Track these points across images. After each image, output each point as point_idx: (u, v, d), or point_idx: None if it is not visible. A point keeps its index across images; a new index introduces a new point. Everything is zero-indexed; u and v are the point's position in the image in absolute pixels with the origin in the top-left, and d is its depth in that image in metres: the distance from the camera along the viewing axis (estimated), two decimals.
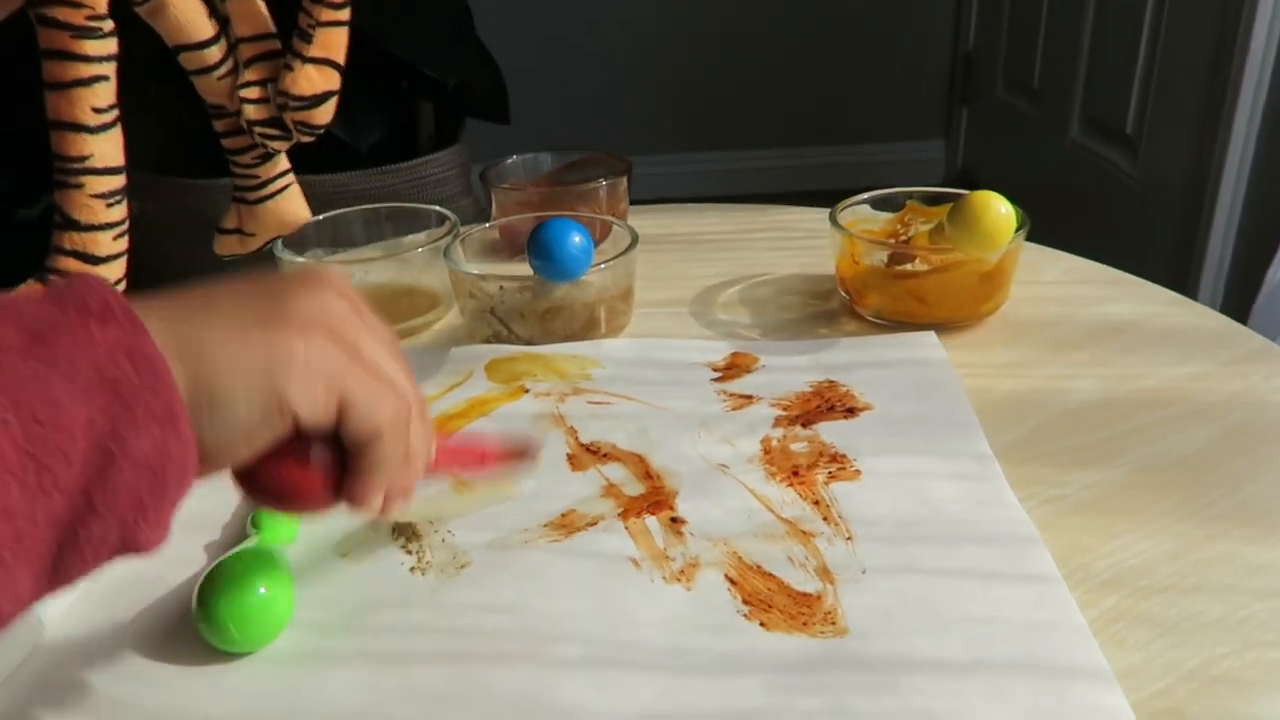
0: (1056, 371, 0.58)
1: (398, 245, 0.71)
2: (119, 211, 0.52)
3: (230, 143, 0.61)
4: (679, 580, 0.42)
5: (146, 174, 1.28)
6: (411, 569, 0.44)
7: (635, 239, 0.64)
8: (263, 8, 0.59)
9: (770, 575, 0.42)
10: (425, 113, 1.38)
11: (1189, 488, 0.48)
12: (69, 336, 0.25)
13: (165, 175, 1.25)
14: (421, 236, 0.72)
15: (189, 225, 1.27)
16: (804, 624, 0.39)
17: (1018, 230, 0.59)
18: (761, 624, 0.39)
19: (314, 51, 0.57)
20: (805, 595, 0.41)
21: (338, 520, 0.47)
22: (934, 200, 0.68)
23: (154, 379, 0.26)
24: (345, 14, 0.59)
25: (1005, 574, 0.41)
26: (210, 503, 0.49)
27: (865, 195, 0.69)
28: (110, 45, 0.51)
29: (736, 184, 2.29)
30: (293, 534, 0.45)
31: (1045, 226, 0.69)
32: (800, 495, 0.47)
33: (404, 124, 1.35)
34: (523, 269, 0.63)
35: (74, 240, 0.51)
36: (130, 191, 0.53)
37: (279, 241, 0.66)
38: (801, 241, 0.79)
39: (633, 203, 0.80)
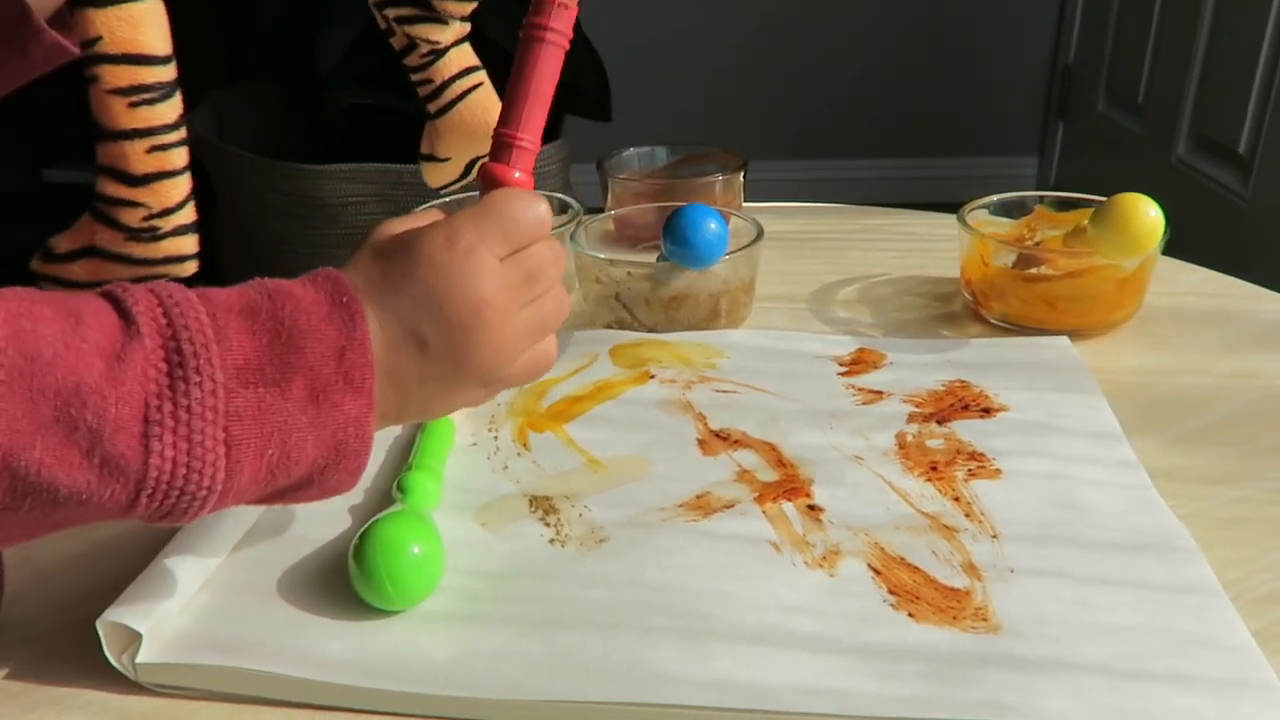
0: (1198, 381, 0.57)
1: None
2: (151, 115, 0.40)
3: (395, 41, 0.50)
4: (821, 566, 0.42)
5: (265, 159, 1.31)
6: (551, 540, 0.44)
7: (760, 231, 0.64)
8: None
9: (915, 568, 0.41)
10: None
11: None
12: (330, 405, 0.33)
13: (279, 160, 1.28)
14: None
15: (303, 210, 1.31)
16: (954, 618, 0.38)
17: (1162, 236, 0.58)
18: (910, 615, 0.39)
19: None
20: (954, 590, 0.40)
21: (475, 489, 0.48)
22: (1064, 206, 0.67)
23: (361, 452, 0.34)
24: None
25: (1163, 584, 0.40)
26: None
27: (993, 197, 0.68)
28: None
29: (823, 194, 2.28)
30: (436, 499, 0.46)
31: None
32: (940, 491, 0.46)
33: None
34: (644, 258, 0.64)
35: (106, 152, 0.41)
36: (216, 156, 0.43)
37: None
38: (920, 244, 0.78)
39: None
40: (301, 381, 0.32)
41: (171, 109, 0.40)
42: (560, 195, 0.73)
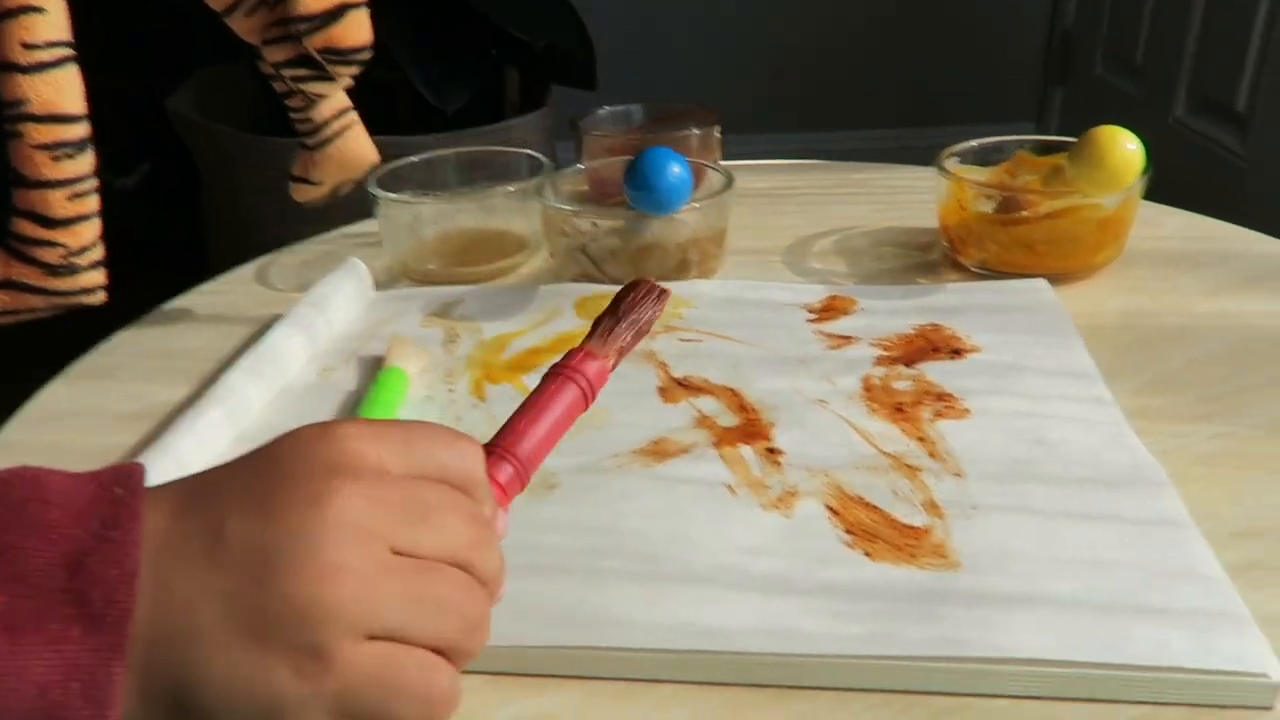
0: (1180, 322, 0.55)
1: (488, 190, 0.70)
2: (72, 167, 0.44)
3: (277, 85, 0.54)
4: (777, 508, 0.40)
5: (250, 135, 1.30)
6: None
7: (731, 180, 0.62)
8: None
9: (874, 507, 0.40)
10: (511, 78, 1.38)
11: None
12: (41, 634, 0.22)
13: (264, 135, 1.27)
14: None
15: (287, 186, 1.29)
16: (911, 555, 0.37)
17: (1143, 172, 0.56)
18: (866, 553, 0.37)
19: None
20: (912, 528, 0.39)
21: None
22: (1045, 150, 0.65)
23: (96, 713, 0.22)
24: None
25: (1132, 517, 0.38)
26: (301, 414, 0.49)
27: (972, 142, 0.66)
28: None
29: None
30: None
31: None
32: (904, 431, 0.45)
33: (490, 89, 1.35)
34: (614, 212, 0.62)
35: (24, 198, 0.44)
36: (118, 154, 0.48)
37: (373, 180, 0.66)
38: (899, 197, 0.76)
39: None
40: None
41: (88, 161, 0.45)
42: (529, 151, 0.72)
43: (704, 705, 0.33)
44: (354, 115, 0.57)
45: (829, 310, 0.56)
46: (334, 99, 0.56)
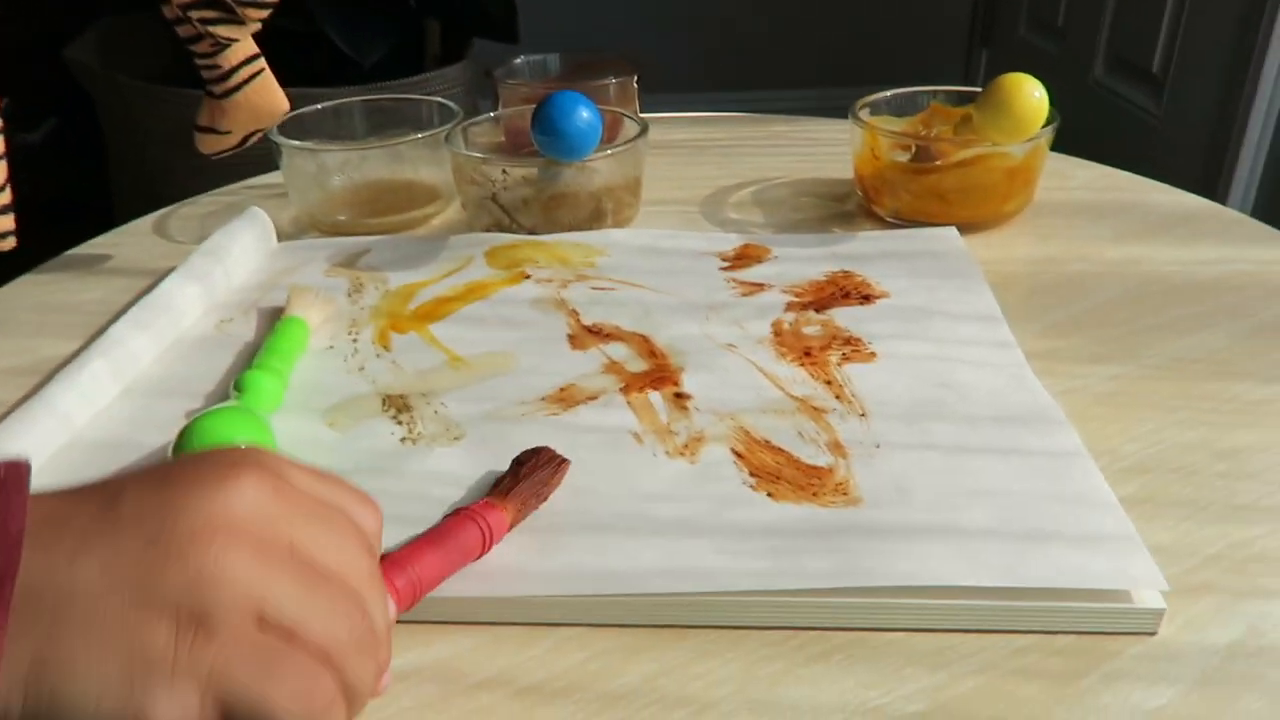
0: (1084, 269, 0.56)
1: (396, 139, 0.68)
2: None
3: (182, 29, 0.52)
4: (682, 454, 0.40)
5: (155, 86, 1.24)
6: (402, 440, 0.41)
7: (645, 127, 0.61)
8: None
9: (779, 449, 0.40)
10: (432, 30, 1.34)
11: (1219, 380, 0.45)
12: None
13: (170, 86, 1.21)
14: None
15: (190, 139, 1.24)
16: (814, 494, 0.37)
17: (1048, 122, 0.56)
18: (769, 494, 0.37)
19: None
20: (815, 468, 0.38)
21: (325, 390, 0.45)
22: (959, 101, 0.65)
23: None
24: None
25: (1028, 449, 0.39)
26: (194, 366, 0.47)
27: (887, 93, 0.66)
28: None
29: None
30: (277, 400, 0.43)
31: None
32: (811, 375, 0.44)
33: (410, 42, 1.31)
34: (526, 161, 0.61)
35: None
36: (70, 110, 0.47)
37: (275, 129, 0.63)
38: (818, 148, 0.76)
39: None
40: None
41: None
42: (440, 99, 0.70)
43: (602, 646, 0.32)
44: (262, 62, 0.56)
45: (742, 258, 0.56)
46: (242, 44, 0.54)
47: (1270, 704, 0.29)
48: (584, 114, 0.54)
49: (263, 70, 0.56)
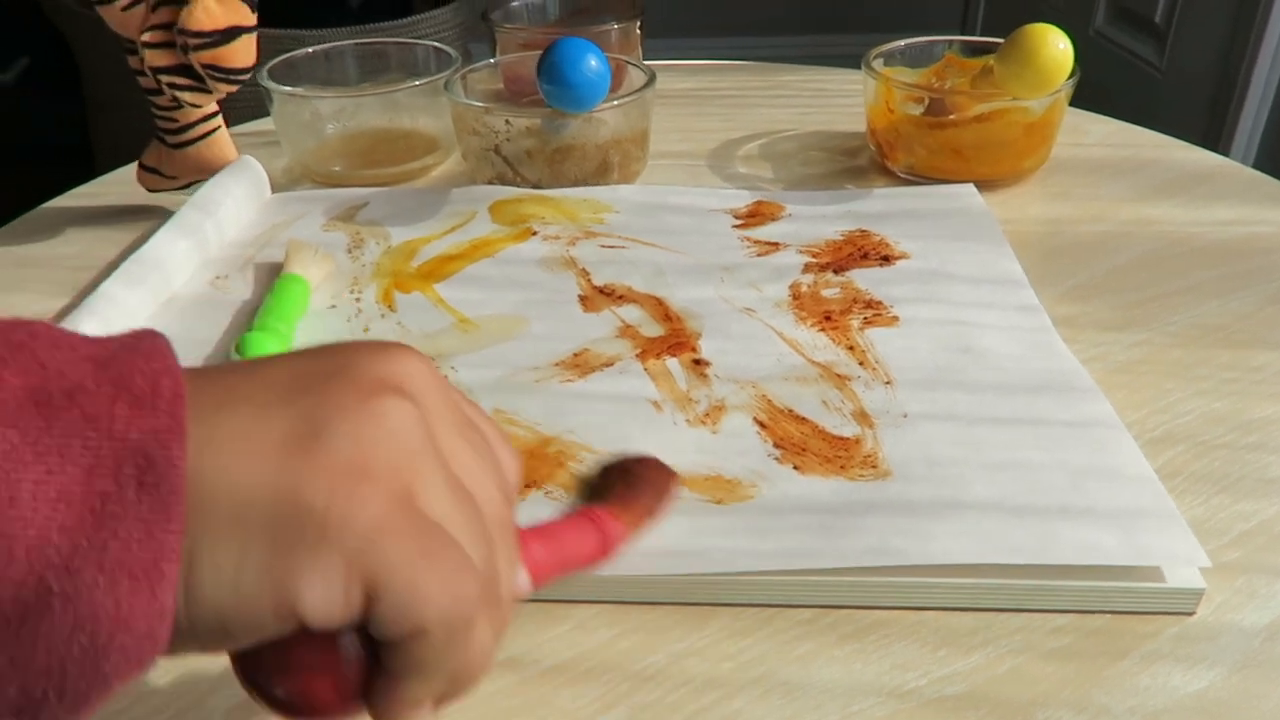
0: (1103, 229, 0.54)
1: (393, 85, 0.65)
2: None
3: (144, 82, 0.52)
4: (704, 423, 0.39)
5: None
6: None
7: (653, 77, 0.59)
8: None
9: (803, 419, 0.39)
10: None
11: (1245, 348, 0.44)
12: (80, 409, 0.17)
13: None
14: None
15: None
16: (841, 467, 0.36)
17: (1070, 76, 0.55)
18: (795, 467, 0.36)
19: None
20: (842, 439, 0.37)
21: None
22: (974, 52, 0.63)
23: (157, 508, 0.17)
24: None
25: (1060, 420, 0.38)
26: (191, 327, 0.46)
27: (900, 43, 0.64)
28: None
29: None
30: None
31: None
32: (833, 340, 0.43)
33: None
34: (530, 111, 0.58)
35: None
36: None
37: (265, 74, 0.61)
38: (828, 99, 0.74)
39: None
40: (14, 371, 0.17)
41: None
42: (436, 44, 0.67)
43: (627, 624, 0.31)
44: (219, 120, 0.56)
45: (755, 215, 0.54)
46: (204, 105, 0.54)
47: None
48: (593, 62, 0.51)
49: (218, 129, 0.55)
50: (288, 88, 0.60)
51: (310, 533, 0.18)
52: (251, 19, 0.49)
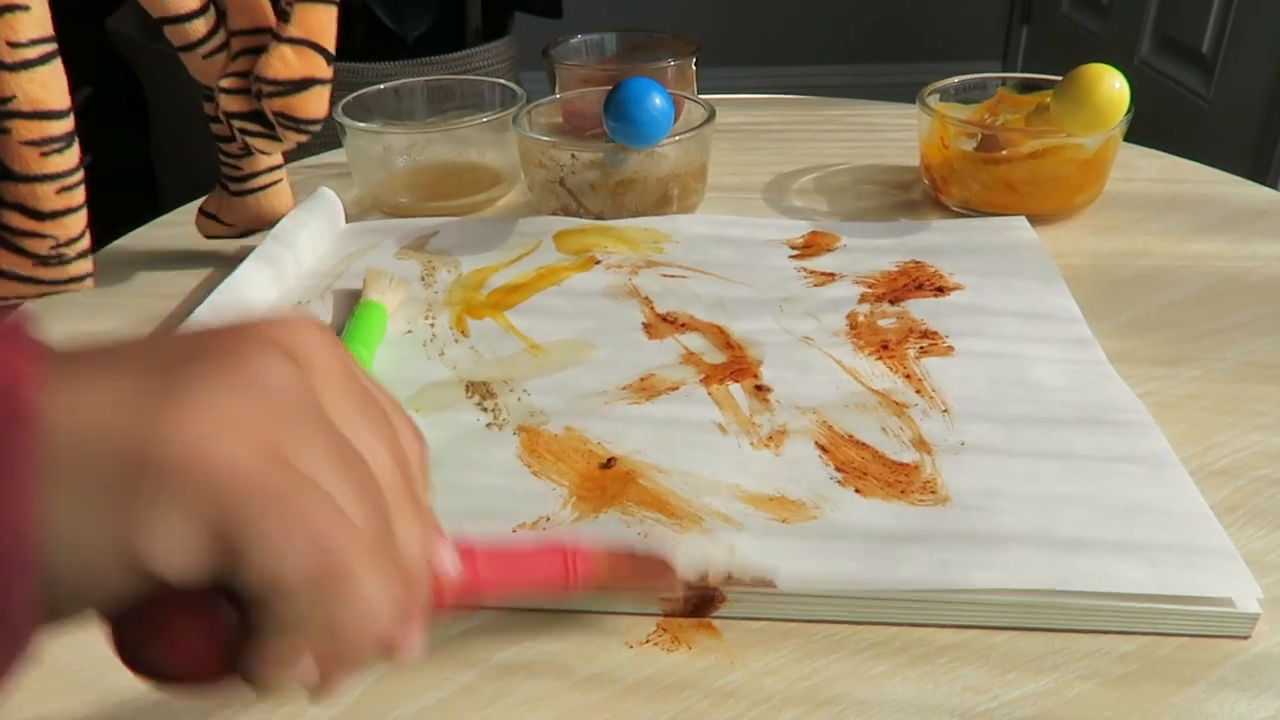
0: (1155, 264, 0.55)
1: (460, 121, 0.68)
2: (60, 162, 0.45)
3: (217, 128, 0.54)
4: (767, 446, 0.40)
5: None
6: (488, 425, 0.42)
7: (712, 113, 0.61)
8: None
9: (864, 445, 0.40)
10: (473, 5, 1.33)
11: None
12: None
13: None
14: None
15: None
16: (902, 492, 0.37)
17: (1126, 113, 0.56)
18: (858, 490, 0.37)
19: (292, 31, 0.49)
20: (902, 465, 0.39)
21: (408, 375, 0.45)
22: (1027, 88, 0.65)
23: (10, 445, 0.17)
24: None
25: (1116, 455, 0.39)
26: None
27: (954, 79, 0.65)
28: None
29: None
30: None
31: None
32: (890, 369, 0.45)
33: (452, 15, 1.30)
34: (593, 145, 0.61)
35: (13, 192, 0.45)
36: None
37: (339, 109, 0.63)
38: (879, 134, 0.75)
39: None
40: None
41: (74, 155, 0.46)
42: (501, 81, 0.70)
43: (705, 642, 0.33)
44: (283, 172, 0.58)
45: (811, 246, 0.56)
46: (271, 155, 0.56)
47: None
48: (657, 101, 0.54)
49: (280, 181, 0.57)
50: (361, 124, 0.63)
51: (150, 481, 0.18)
52: (327, 72, 0.51)
